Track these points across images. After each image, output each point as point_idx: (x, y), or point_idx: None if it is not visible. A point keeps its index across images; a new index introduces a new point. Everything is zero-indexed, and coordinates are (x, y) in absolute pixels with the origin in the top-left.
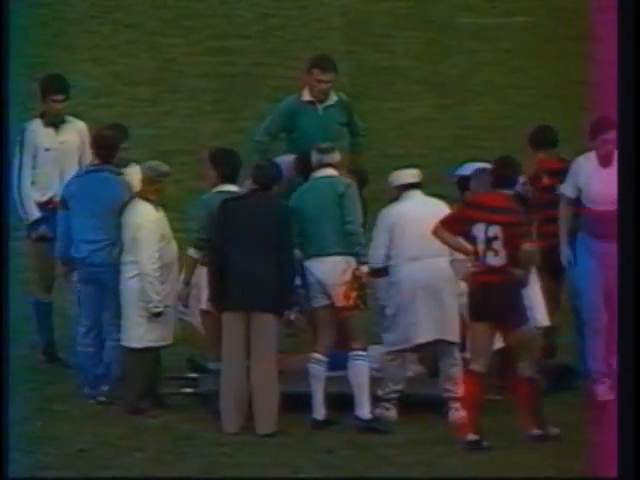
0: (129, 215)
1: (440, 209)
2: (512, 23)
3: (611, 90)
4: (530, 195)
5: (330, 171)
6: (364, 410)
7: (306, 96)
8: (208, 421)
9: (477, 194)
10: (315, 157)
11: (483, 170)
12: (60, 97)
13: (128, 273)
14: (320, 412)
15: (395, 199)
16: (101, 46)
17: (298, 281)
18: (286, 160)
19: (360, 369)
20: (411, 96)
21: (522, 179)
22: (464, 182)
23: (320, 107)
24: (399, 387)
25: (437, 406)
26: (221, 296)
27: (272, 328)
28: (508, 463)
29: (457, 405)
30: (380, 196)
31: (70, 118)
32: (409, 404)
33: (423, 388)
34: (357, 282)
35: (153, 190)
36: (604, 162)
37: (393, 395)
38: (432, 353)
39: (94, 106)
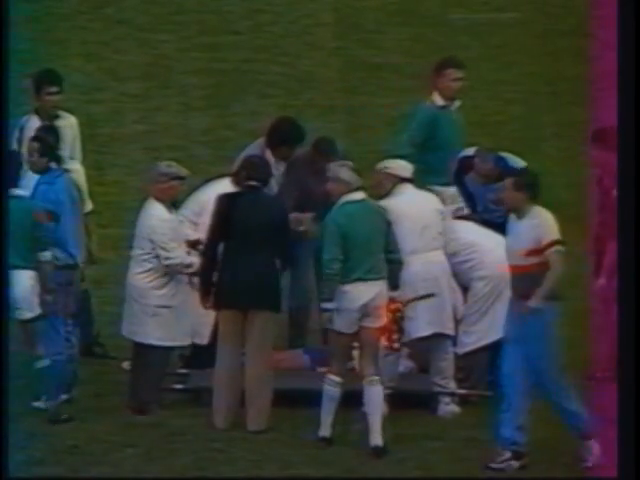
0: (142, 214)
1: (434, 202)
2: (503, 19)
3: (603, 85)
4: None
5: (363, 194)
6: (378, 437)
7: (439, 101)
8: (199, 417)
9: None
10: (352, 178)
11: (484, 149)
12: (54, 89)
13: (136, 269)
14: (328, 430)
15: (387, 191)
16: (92, 42)
17: (331, 305)
18: (257, 144)
19: (378, 395)
20: (401, 92)
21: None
22: (467, 163)
23: (453, 109)
24: (392, 383)
25: (427, 401)
26: (217, 294)
27: (268, 325)
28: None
29: (447, 400)
30: (371, 192)
31: (63, 113)
32: (399, 399)
33: (413, 383)
34: (401, 313)
35: (163, 190)
36: None
37: (385, 391)
38: (425, 348)
39: (85, 102)
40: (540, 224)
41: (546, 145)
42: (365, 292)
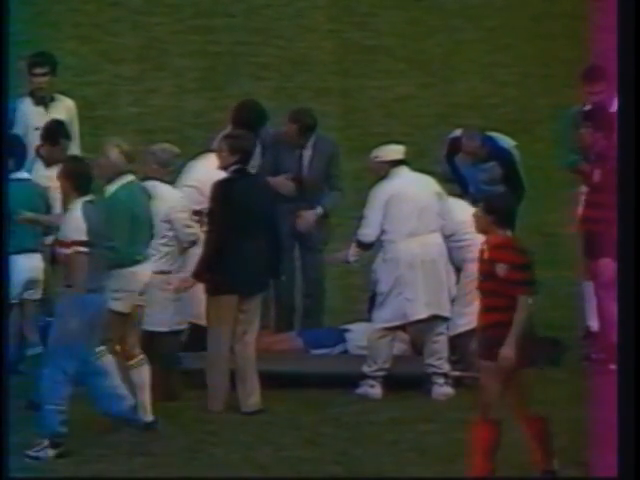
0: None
1: (432, 184)
2: (497, 1)
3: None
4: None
5: (132, 176)
6: (149, 413)
7: (582, 106)
8: (192, 399)
9: None
10: (120, 159)
11: (471, 129)
12: (39, 70)
13: (156, 257)
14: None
15: (383, 176)
16: (86, 24)
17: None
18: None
19: (147, 372)
20: (395, 74)
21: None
22: (456, 144)
23: None
24: (387, 365)
25: (421, 384)
26: (218, 280)
27: (259, 307)
28: None
29: (441, 381)
30: (362, 175)
31: (59, 96)
32: (393, 382)
33: (407, 366)
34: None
35: (167, 172)
36: None
37: (380, 373)
38: (421, 330)
39: (79, 84)
40: (65, 219)
41: (540, 128)
42: (147, 272)
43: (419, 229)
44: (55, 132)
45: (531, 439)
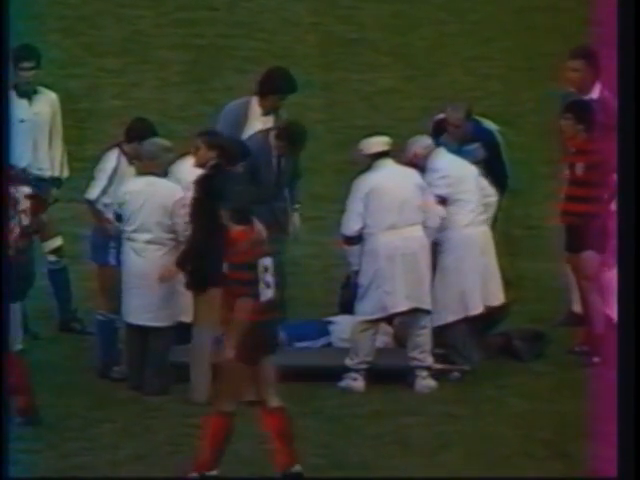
0: (156, 194)
1: (414, 177)
2: None
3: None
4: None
5: None
6: None
7: (566, 88)
8: (176, 392)
9: None
10: None
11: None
12: (26, 65)
13: (160, 252)
14: None
15: (367, 168)
16: (70, 17)
17: None
18: (242, 100)
19: None
20: (379, 68)
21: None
22: (440, 125)
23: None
24: (369, 358)
25: (404, 377)
26: (201, 273)
27: None
28: (476, 434)
29: (424, 374)
30: (345, 167)
31: (42, 89)
32: (376, 375)
33: (390, 359)
34: None
35: (157, 165)
36: None
37: (362, 366)
38: (404, 324)
39: (63, 77)
40: None
41: (524, 120)
42: None
43: (400, 222)
44: (144, 130)
45: (272, 437)
